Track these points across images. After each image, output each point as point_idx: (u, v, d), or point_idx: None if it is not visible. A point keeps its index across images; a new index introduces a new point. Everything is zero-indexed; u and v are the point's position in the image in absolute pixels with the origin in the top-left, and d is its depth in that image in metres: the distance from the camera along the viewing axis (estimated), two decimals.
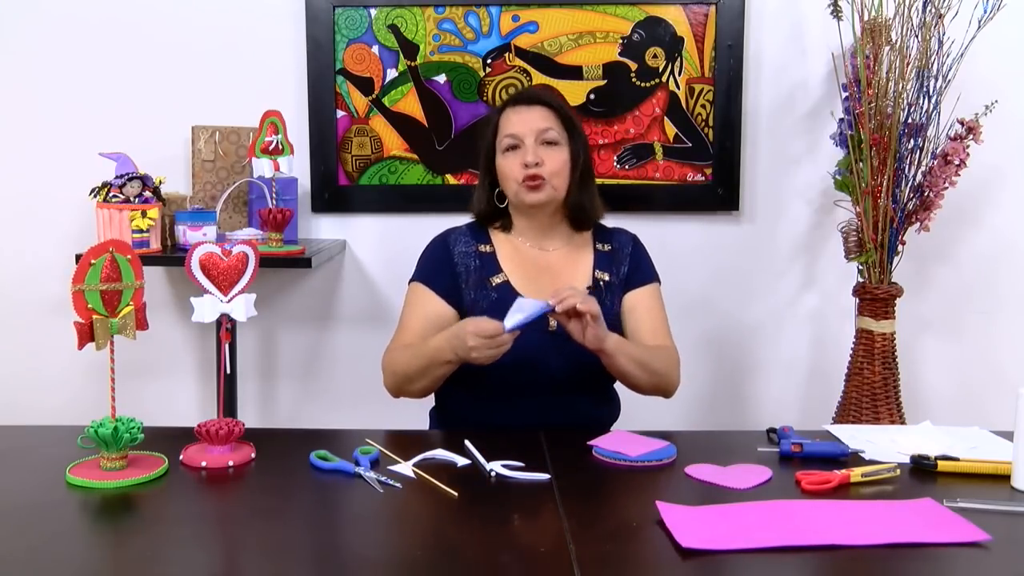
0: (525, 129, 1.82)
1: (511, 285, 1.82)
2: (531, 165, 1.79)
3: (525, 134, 1.81)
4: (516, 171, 1.80)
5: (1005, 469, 1.42)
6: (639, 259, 1.92)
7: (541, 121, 1.83)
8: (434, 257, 1.88)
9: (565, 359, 1.75)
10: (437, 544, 1.24)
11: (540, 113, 1.84)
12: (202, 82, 2.49)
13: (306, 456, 1.47)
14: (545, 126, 1.82)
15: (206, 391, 2.61)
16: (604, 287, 1.85)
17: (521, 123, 1.82)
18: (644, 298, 1.88)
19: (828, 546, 1.17)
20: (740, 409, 2.65)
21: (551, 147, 1.82)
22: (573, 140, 1.86)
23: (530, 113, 1.84)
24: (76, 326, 1.36)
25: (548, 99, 1.88)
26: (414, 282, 1.87)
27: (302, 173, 2.50)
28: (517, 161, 1.81)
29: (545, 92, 1.92)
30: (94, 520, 1.30)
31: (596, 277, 1.86)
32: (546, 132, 1.82)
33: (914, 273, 2.52)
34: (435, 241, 1.92)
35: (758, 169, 2.56)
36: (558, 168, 1.81)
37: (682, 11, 2.48)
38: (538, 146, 1.81)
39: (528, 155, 1.79)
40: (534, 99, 1.87)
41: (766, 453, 1.54)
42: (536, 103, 1.86)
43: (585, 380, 1.80)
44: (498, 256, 1.86)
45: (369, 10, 2.47)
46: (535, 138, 1.81)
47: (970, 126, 2.25)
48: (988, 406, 2.51)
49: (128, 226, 2.15)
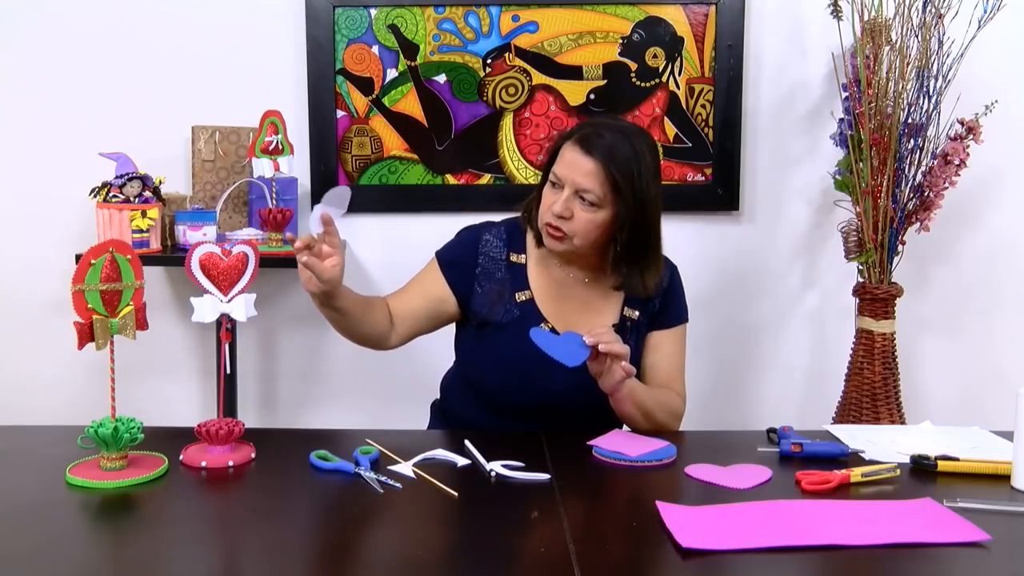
0: (569, 177, 1.67)
1: (536, 305, 1.78)
2: (557, 216, 1.68)
3: (567, 182, 1.68)
4: (545, 211, 1.71)
5: (1005, 469, 1.42)
6: (672, 296, 1.84)
7: (586, 178, 1.66)
8: (460, 247, 1.84)
9: (568, 379, 1.68)
10: (437, 544, 1.24)
11: (587, 167, 1.66)
12: (202, 82, 2.49)
13: (306, 456, 1.47)
14: (585, 185, 1.66)
15: (206, 391, 2.61)
16: (631, 326, 1.80)
17: (568, 169, 1.68)
18: (669, 341, 1.82)
19: (828, 546, 1.17)
20: (740, 409, 2.65)
21: (587, 207, 1.67)
22: (618, 207, 1.68)
23: (579, 163, 1.67)
24: (76, 326, 1.36)
25: (603, 153, 1.66)
26: (435, 259, 1.85)
27: (302, 173, 2.50)
28: (550, 201, 1.70)
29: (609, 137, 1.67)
30: (94, 520, 1.30)
31: (625, 315, 1.80)
32: (586, 192, 1.66)
33: (914, 273, 2.52)
34: (468, 234, 1.85)
35: (758, 169, 2.56)
36: (583, 230, 1.68)
37: (682, 11, 2.48)
38: (574, 199, 1.67)
39: (558, 205, 1.67)
40: (589, 148, 1.67)
41: (766, 453, 1.54)
42: (594, 155, 1.66)
43: (588, 400, 1.73)
44: (528, 270, 1.81)
45: (369, 10, 2.47)
46: (573, 191, 1.67)
47: (970, 126, 2.25)
48: (988, 406, 2.51)
49: (128, 226, 2.16)
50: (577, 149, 1.68)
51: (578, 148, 1.68)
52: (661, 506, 1.27)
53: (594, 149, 1.67)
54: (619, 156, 1.67)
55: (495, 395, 1.78)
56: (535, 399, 1.75)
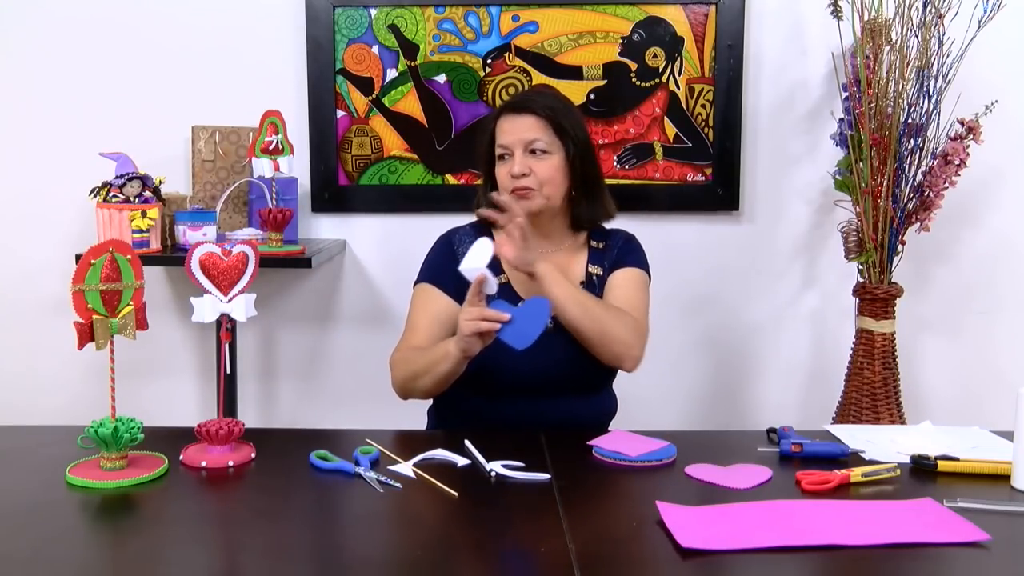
0: (513, 139, 1.80)
1: (512, 287, 1.83)
2: (517, 176, 1.78)
3: (513, 144, 1.80)
4: (506, 181, 1.80)
5: (1005, 469, 1.42)
6: (629, 250, 1.91)
7: (528, 131, 1.80)
8: (440, 257, 1.87)
9: (561, 358, 1.76)
10: (437, 544, 1.24)
11: (528, 122, 1.80)
12: (202, 82, 2.49)
13: (306, 456, 1.47)
14: (532, 137, 1.79)
15: (206, 391, 2.61)
16: (596, 281, 1.86)
17: (510, 133, 1.81)
18: (625, 278, 1.87)
19: (828, 546, 1.17)
20: (740, 409, 2.65)
21: (541, 156, 1.80)
22: (567, 145, 1.82)
23: (519, 122, 1.81)
24: (76, 326, 1.36)
25: (538, 106, 1.82)
26: (421, 283, 1.86)
27: (302, 173, 2.50)
28: (507, 170, 1.80)
29: (537, 98, 1.85)
30: (94, 520, 1.30)
31: (589, 272, 1.87)
32: (534, 143, 1.79)
33: (914, 273, 2.51)
34: (439, 241, 1.91)
35: (758, 169, 2.56)
36: (548, 177, 1.80)
37: (682, 11, 2.48)
38: (526, 156, 1.79)
39: (515, 166, 1.78)
40: (523, 107, 1.83)
41: (766, 453, 1.54)
42: (525, 111, 1.82)
43: (582, 379, 1.80)
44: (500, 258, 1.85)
45: (369, 10, 2.47)
46: (523, 148, 1.79)
47: (970, 126, 2.25)
48: (988, 406, 2.51)
49: (128, 226, 2.15)
50: (510, 115, 1.83)
51: (511, 113, 1.83)
52: (661, 506, 1.27)
53: (526, 107, 1.82)
54: (549, 103, 1.84)
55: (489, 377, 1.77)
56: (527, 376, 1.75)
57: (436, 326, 1.80)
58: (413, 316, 1.84)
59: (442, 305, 1.81)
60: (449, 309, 1.80)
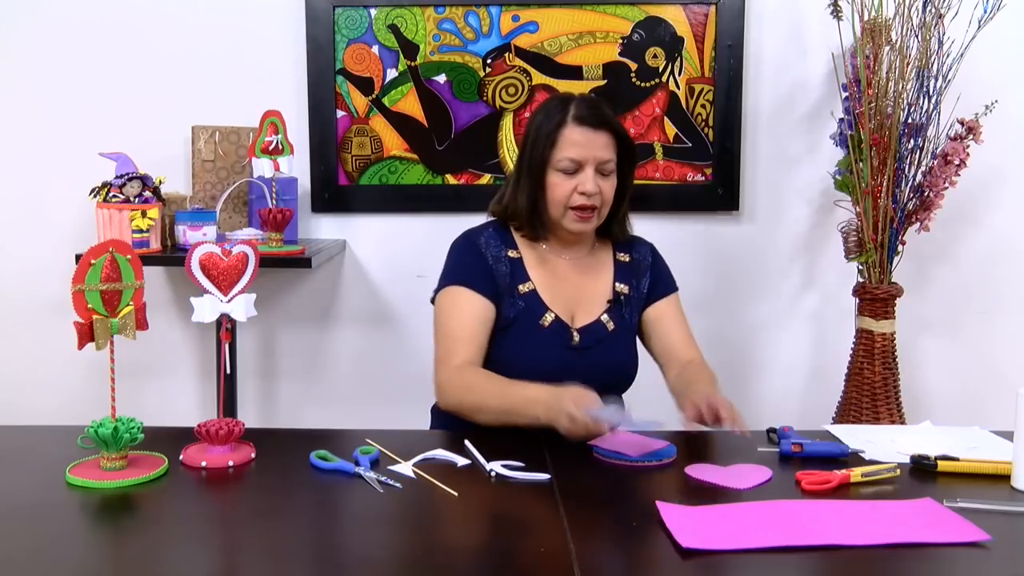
0: (588, 155, 1.73)
1: (538, 295, 1.79)
2: (591, 195, 1.73)
3: (587, 160, 1.73)
4: (567, 194, 1.74)
5: (1005, 469, 1.42)
6: (659, 271, 1.90)
7: (603, 150, 1.74)
8: (468, 257, 1.80)
9: (586, 375, 1.65)
10: (437, 544, 1.24)
11: (604, 140, 1.74)
12: (202, 82, 2.49)
13: (306, 456, 1.47)
14: (607, 156, 1.74)
15: (206, 391, 2.61)
16: (624, 300, 1.84)
17: (586, 148, 1.73)
18: (669, 309, 1.87)
19: (828, 546, 1.17)
20: (740, 409, 2.63)
21: (608, 177, 1.76)
22: (624, 167, 1.80)
23: (596, 138, 1.74)
24: (76, 326, 1.36)
25: (614, 123, 1.77)
26: (450, 287, 1.77)
27: (302, 173, 2.50)
28: (572, 185, 1.73)
29: (610, 113, 1.77)
30: (94, 520, 1.30)
31: (617, 290, 1.84)
32: (607, 163, 1.75)
33: (914, 273, 2.52)
34: (463, 243, 1.84)
35: (758, 169, 2.56)
36: (609, 197, 1.78)
37: (682, 11, 2.48)
38: (596, 176, 1.74)
39: (588, 184, 1.72)
40: (601, 123, 1.75)
41: (766, 453, 1.54)
42: (602, 128, 1.74)
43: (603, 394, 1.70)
44: (525, 263, 1.82)
45: (369, 10, 2.47)
46: (595, 165, 1.73)
47: (970, 126, 2.25)
48: (988, 406, 2.51)
49: (128, 226, 2.15)
50: (585, 128, 1.74)
51: (586, 127, 1.74)
52: (661, 506, 1.27)
53: (605, 123, 1.75)
54: (615, 120, 1.79)
55: None
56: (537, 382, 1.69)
57: (478, 326, 1.74)
58: (450, 323, 1.75)
59: (479, 306, 1.75)
60: (487, 312, 1.75)
